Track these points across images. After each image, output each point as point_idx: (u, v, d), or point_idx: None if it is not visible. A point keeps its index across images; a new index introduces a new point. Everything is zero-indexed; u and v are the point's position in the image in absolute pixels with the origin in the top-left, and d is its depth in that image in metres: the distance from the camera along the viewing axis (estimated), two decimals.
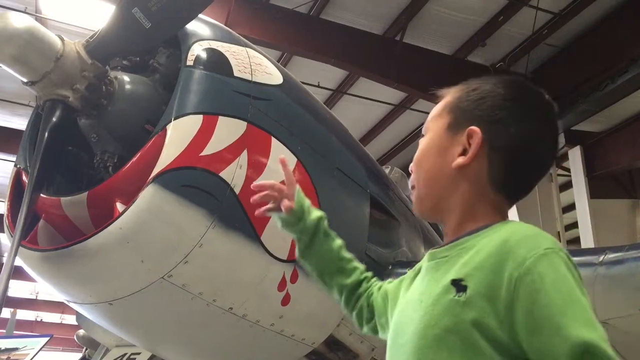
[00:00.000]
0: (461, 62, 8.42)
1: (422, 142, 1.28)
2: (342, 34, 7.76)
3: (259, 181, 1.52)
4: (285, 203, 1.48)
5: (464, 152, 1.20)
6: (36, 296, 20.46)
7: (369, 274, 1.55)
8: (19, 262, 2.19)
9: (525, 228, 1.11)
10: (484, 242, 1.11)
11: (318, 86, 8.73)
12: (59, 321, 22.58)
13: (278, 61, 7.94)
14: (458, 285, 1.07)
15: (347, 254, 1.54)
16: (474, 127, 1.19)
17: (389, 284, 1.46)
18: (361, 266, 1.56)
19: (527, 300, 0.99)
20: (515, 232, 1.09)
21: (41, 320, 23.25)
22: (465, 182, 1.20)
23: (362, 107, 9.56)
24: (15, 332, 13.93)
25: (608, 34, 7.78)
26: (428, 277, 1.19)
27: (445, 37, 8.11)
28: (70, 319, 19.01)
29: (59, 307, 19.14)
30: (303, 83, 3.06)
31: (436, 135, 1.25)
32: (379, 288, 1.49)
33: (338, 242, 1.54)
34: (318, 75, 8.60)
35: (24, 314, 21.04)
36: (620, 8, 7.56)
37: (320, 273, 1.54)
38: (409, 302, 1.22)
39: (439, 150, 1.23)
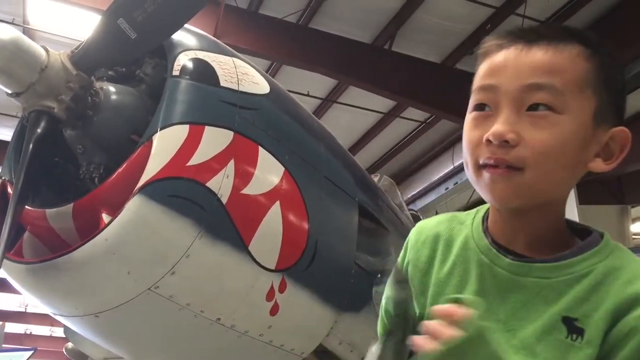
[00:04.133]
0: (450, 70, 8.45)
1: (558, 122, 0.93)
2: (331, 43, 7.77)
3: None
4: None
5: (601, 154, 0.98)
6: (25, 309, 20.23)
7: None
8: (3, 274, 2.17)
9: None
10: (600, 271, 0.94)
11: (307, 95, 8.73)
12: (48, 334, 22.33)
13: (267, 71, 7.96)
14: (571, 324, 0.92)
15: None
16: (625, 130, 0.97)
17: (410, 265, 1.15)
18: None
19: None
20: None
21: (30, 333, 22.97)
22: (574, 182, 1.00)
23: (352, 115, 9.58)
24: (4, 345, 13.75)
25: None
26: (515, 298, 0.98)
27: (434, 46, 8.14)
28: (60, 332, 18.80)
29: (48, 319, 18.91)
30: (292, 92, 3.06)
31: (582, 123, 0.94)
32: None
33: None
34: (307, 84, 8.61)
35: (13, 327, 20.78)
36: (606, 15, 7.65)
37: None
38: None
39: (582, 143, 0.95)
